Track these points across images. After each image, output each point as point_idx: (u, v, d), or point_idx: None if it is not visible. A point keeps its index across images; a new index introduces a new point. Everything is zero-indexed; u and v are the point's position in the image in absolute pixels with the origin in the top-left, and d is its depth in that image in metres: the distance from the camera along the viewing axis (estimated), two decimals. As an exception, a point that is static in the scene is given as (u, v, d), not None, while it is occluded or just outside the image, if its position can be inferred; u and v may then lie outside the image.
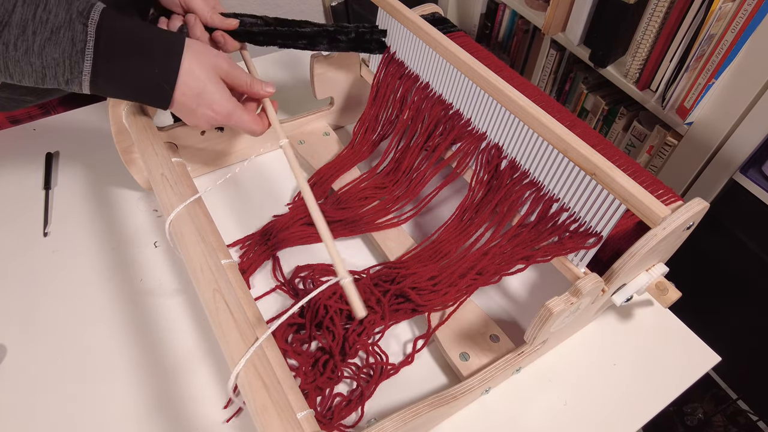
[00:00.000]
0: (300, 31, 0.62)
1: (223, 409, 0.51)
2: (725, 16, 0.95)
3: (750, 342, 1.20)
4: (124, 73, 0.48)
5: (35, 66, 0.45)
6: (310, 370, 0.52)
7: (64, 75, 0.46)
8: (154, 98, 0.51)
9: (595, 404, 0.53)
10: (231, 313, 0.41)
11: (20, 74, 0.46)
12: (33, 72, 0.46)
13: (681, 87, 1.08)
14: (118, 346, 0.56)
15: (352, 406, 0.51)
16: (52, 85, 0.47)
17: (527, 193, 0.55)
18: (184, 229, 0.47)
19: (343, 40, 0.65)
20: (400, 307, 0.56)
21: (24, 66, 0.45)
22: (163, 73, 0.49)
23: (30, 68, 0.45)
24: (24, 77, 0.46)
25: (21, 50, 0.44)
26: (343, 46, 0.65)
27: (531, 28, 1.52)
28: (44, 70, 0.46)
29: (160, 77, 0.49)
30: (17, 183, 0.70)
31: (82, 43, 0.45)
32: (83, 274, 0.61)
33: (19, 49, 0.44)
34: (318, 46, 0.64)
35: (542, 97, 0.59)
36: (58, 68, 0.46)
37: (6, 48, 0.44)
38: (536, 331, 0.47)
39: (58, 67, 0.46)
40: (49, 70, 0.46)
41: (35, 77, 0.46)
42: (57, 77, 0.46)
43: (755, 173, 1.05)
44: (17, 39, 0.44)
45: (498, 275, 0.55)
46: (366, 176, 0.69)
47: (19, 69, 0.45)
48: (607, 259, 0.50)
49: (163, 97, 0.51)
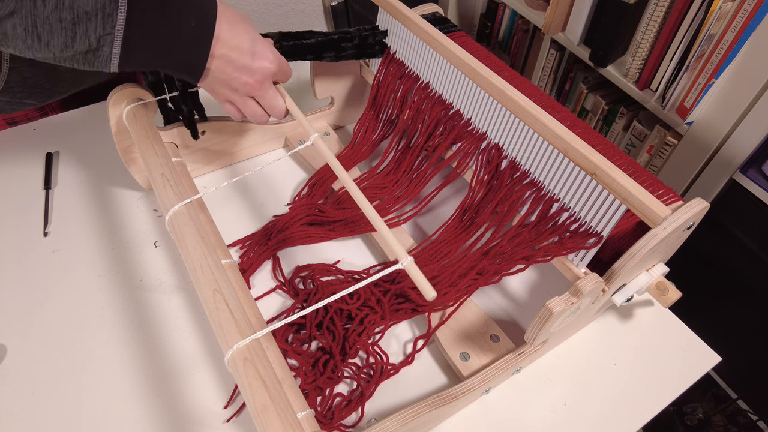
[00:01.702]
0: (306, 44, 0.62)
1: (224, 409, 0.51)
2: (725, 16, 0.95)
3: (750, 342, 1.20)
4: (159, 27, 0.45)
5: (65, 22, 0.42)
6: (311, 370, 0.52)
7: (96, 31, 0.43)
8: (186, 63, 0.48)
9: (596, 404, 0.53)
10: (231, 313, 0.41)
11: (49, 33, 0.43)
12: (62, 30, 0.43)
13: (681, 87, 1.08)
14: (118, 346, 0.56)
15: (352, 406, 0.51)
16: (83, 46, 0.44)
17: (527, 193, 0.55)
18: (184, 229, 0.47)
19: (348, 47, 0.65)
20: (400, 307, 0.56)
21: (54, 23, 0.42)
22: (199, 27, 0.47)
23: (59, 25, 0.42)
24: (53, 37, 0.43)
25: (51, 5, 0.41)
26: (349, 54, 0.66)
27: (531, 27, 1.52)
28: (75, 26, 0.42)
29: (196, 31, 0.47)
30: (17, 183, 0.70)
31: None
32: (83, 274, 0.61)
33: (48, 4, 0.41)
34: (325, 57, 0.64)
35: (542, 97, 0.59)
36: (90, 23, 0.42)
37: (34, 4, 0.41)
38: (536, 331, 0.47)
39: (89, 21, 0.42)
40: (80, 26, 0.42)
41: (65, 36, 0.43)
42: (88, 34, 0.43)
43: (755, 173, 1.05)
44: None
45: (498, 275, 0.55)
46: (366, 176, 0.69)
47: (48, 27, 0.42)
48: (607, 259, 0.50)
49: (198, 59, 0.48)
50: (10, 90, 0.67)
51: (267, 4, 1.70)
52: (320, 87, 0.73)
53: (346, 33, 0.65)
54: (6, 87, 0.66)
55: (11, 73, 0.65)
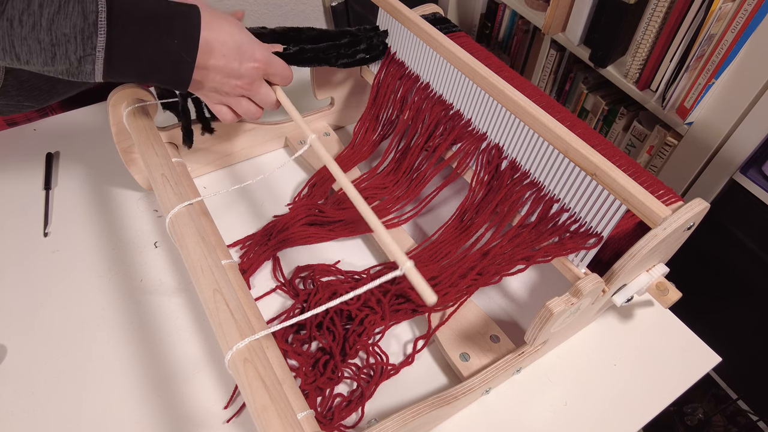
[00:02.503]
0: (314, 49, 0.62)
1: (224, 410, 0.51)
2: (725, 16, 0.95)
3: (750, 342, 1.20)
4: (141, 46, 0.44)
5: (44, 43, 0.41)
6: (311, 370, 0.52)
7: (76, 52, 0.42)
8: (173, 76, 0.48)
9: (596, 405, 0.53)
10: (231, 313, 0.41)
11: (28, 53, 0.42)
12: (41, 50, 0.42)
13: (681, 87, 1.08)
14: (118, 346, 0.56)
15: (352, 407, 0.51)
16: (63, 65, 0.43)
17: (528, 193, 0.55)
18: (185, 229, 0.47)
19: (360, 51, 0.66)
20: (400, 308, 0.56)
21: (32, 44, 0.41)
22: (183, 44, 0.46)
23: (38, 46, 0.41)
24: (32, 57, 0.42)
25: (27, 26, 0.40)
26: (359, 59, 0.66)
27: (531, 28, 1.52)
28: (54, 48, 0.42)
29: (180, 47, 0.46)
30: (17, 183, 0.70)
31: (94, 14, 0.41)
32: (83, 274, 0.61)
33: (25, 24, 0.40)
34: (338, 64, 0.64)
35: (542, 97, 0.59)
36: (69, 45, 0.42)
37: (11, 24, 0.40)
38: (537, 331, 0.47)
39: (69, 43, 0.41)
40: (59, 48, 0.42)
41: (44, 56, 0.42)
42: (68, 55, 0.42)
43: (755, 173, 1.05)
44: (22, 13, 0.40)
45: (498, 275, 0.55)
46: (366, 176, 0.69)
47: (26, 47, 0.41)
48: (607, 260, 0.50)
49: (183, 74, 0.48)
50: (7, 93, 0.67)
51: (267, 5, 1.70)
52: (320, 87, 0.73)
53: (351, 36, 0.65)
54: (3, 90, 0.66)
55: (8, 77, 0.65)
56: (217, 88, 0.52)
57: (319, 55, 0.62)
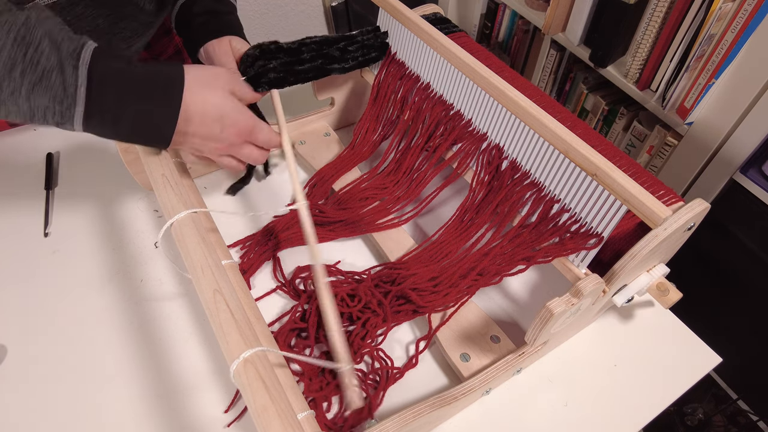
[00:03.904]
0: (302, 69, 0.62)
1: (224, 413, 0.51)
2: (725, 16, 0.95)
3: (750, 342, 1.20)
4: (119, 117, 0.45)
5: (22, 108, 0.42)
6: (317, 377, 0.52)
7: (54, 118, 0.43)
8: (152, 140, 0.49)
9: (596, 405, 0.53)
10: (231, 313, 0.41)
11: (6, 113, 0.43)
12: (20, 112, 0.43)
13: (681, 87, 1.08)
14: (118, 347, 0.56)
15: (362, 414, 0.50)
16: (41, 125, 0.44)
17: (528, 193, 0.55)
18: (185, 229, 0.47)
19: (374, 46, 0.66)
20: (401, 309, 0.56)
21: (11, 107, 0.42)
22: (162, 114, 0.47)
23: (16, 108, 0.42)
24: (11, 115, 0.43)
25: (6, 92, 0.41)
26: (353, 65, 0.66)
27: (531, 28, 1.52)
28: (33, 111, 0.43)
29: (158, 117, 0.47)
30: (18, 183, 0.70)
31: (73, 87, 0.42)
32: (83, 275, 0.61)
33: (4, 90, 0.41)
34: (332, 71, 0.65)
35: (543, 97, 0.59)
36: (48, 111, 0.43)
37: None
38: (537, 332, 0.47)
39: (47, 110, 0.43)
40: (38, 112, 0.43)
41: (22, 116, 0.43)
42: (47, 119, 0.43)
43: (755, 173, 1.05)
44: (2, 80, 0.40)
45: (499, 276, 0.55)
46: (367, 176, 0.69)
47: (5, 109, 0.42)
48: (607, 260, 0.50)
49: (162, 138, 0.48)
50: None
51: (267, 5, 1.70)
52: (321, 88, 0.73)
53: (354, 39, 0.65)
54: None
55: None
56: (196, 149, 0.52)
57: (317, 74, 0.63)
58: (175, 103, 0.47)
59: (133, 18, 0.64)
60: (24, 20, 0.41)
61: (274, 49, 0.59)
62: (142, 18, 0.65)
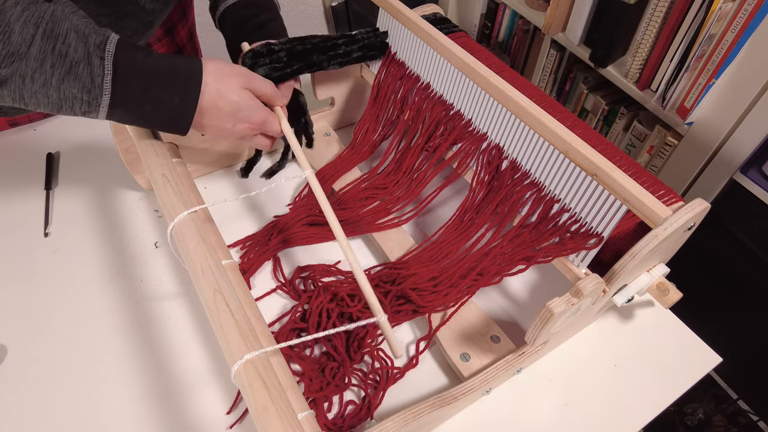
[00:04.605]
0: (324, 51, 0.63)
1: (226, 415, 0.51)
2: (725, 16, 0.95)
3: (750, 342, 1.20)
4: (142, 103, 0.48)
5: (52, 98, 0.45)
6: (317, 377, 0.52)
7: (82, 108, 0.46)
8: (173, 127, 0.51)
9: (596, 405, 0.53)
10: (232, 313, 0.41)
11: (35, 104, 0.45)
12: (49, 103, 0.45)
13: (681, 87, 1.08)
14: (118, 347, 0.56)
15: (362, 414, 0.50)
16: (67, 114, 0.47)
17: (528, 193, 0.55)
18: (185, 230, 0.47)
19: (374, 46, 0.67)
20: (401, 309, 0.56)
21: (41, 98, 0.45)
22: (182, 103, 0.49)
23: (46, 100, 0.45)
24: (40, 106, 0.46)
25: (38, 83, 0.43)
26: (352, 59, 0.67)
27: (531, 28, 1.52)
28: (61, 102, 0.45)
29: (179, 106, 0.49)
30: (18, 183, 0.70)
31: (100, 77, 0.45)
32: (84, 275, 0.61)
33: (36, 82, 0.43)
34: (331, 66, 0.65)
35: (543, 97, 0.59)
36: (76, 101, 0.45)
37: (23, 81, 0.43)
38: (537, 331, 0.47)
39: (75, 100, 0.45)
40: (66, 103, 0.45)
41: (50, 107, 0.46)
42: (74, 109, 0.46)
43: (755, 173, 1.05)
44: (35, 72, 0.43)
45: (499, 276, 0.55)
46: (367, 176, 0.69)
47: (35, 100, 0.45)
48: (608, 260, 0.50)
49: (182, 125, 0.51)
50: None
51: (267, 5, 1.70)
52: (321, 87, 0.73)
53: (354, 39, 0.65)
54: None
55: None
56: (211, 135, 0.56)
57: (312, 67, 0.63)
58: (193, 96, 0.50)
59: (134, 17, 0.64)
60: (51, 14, 0.43)
61: (265, 53, 0.59)
62: (142, 17, 0.65)
